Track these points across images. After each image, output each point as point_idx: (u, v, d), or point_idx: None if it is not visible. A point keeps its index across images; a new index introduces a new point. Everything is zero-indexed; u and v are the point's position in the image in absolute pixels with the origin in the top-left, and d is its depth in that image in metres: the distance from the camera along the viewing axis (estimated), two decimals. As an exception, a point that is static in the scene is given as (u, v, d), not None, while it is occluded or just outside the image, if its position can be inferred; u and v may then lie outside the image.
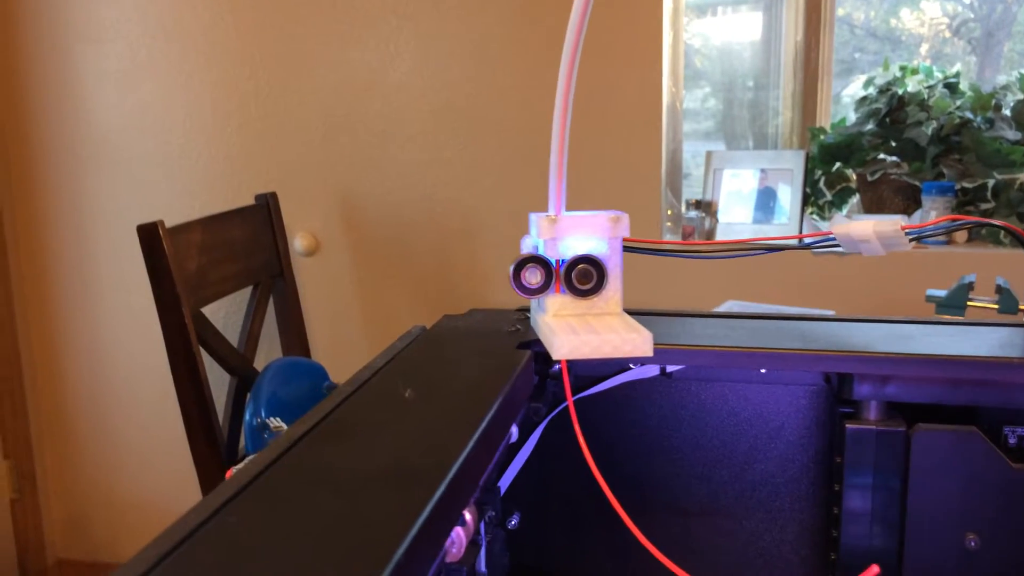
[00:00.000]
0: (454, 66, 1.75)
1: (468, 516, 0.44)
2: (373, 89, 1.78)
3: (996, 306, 1.20)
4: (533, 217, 0.50)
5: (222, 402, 1.53)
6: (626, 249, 0.50)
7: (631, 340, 0.45)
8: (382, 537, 0.31)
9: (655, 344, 0.51)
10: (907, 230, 0.52)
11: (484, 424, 0.40)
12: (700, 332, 0.54)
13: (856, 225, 0.53)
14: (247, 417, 1.33)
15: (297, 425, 0.42)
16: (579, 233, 0.48)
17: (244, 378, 1.55)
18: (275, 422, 1.34)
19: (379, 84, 1.78)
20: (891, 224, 0.52)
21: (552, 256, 0.49)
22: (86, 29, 1.86)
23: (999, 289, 1.22)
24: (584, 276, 0.48)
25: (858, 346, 0.48)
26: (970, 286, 1.25)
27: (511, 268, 0.49)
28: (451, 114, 1.77)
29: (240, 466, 1.04)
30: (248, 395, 1.35)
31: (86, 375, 2.02)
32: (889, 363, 0.47)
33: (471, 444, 0.38)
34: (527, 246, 0.52)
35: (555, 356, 0.45)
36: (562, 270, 0.49)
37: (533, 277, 0.49)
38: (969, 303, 1.22)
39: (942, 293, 1.26)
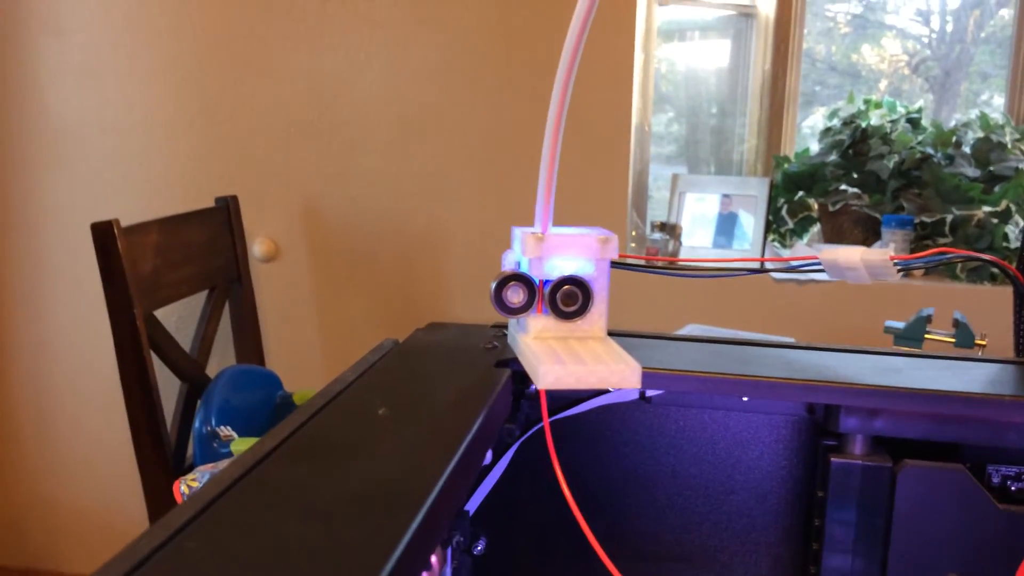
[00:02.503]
0: (425, 76, 1.73)
1: (433, 559, 0.41)
2: (342, 96, 1.76)
3: (953, 340, 1.21)
4: (518, 232, 0.48)
5: (172, 408, 1.49)
6: (615, 265, 0.48)
7: (619, 371, 0.43)
8: (356, 569, 0.28)
9: (635, 368, 0.50)
10: (895, 260, 0.51)
11: (463, 447, 0.38)
12: (681, 356, 0.53)
13: (843, 252, 0.52)
14: (197, 425, 1.29)
15: (264, 440, 0.39)
16: (566, 253, 0.47)
17: (195, 384, 1.51)
18: (226, 431, 1.30)
19: (348, 91, 1.75)
20: (879, 253, 0.51)
21: (536, 275, 0.47)
22: (48, 21, 1.80)
23: (956, 323, 1.22)
24: (569, 298, 0.47)
25: (845, 377, 0.47)
26: (928, 319, 1.25)
27: (493, 285, 0.47)
28: (420, 124, 1.75)
29: (190, 476, 1.00)
30: (199, 402, 1.31)
31: (31, 376, 1.95)
32: (878, 396, 0.46)
33: (450, 468, 0.36)
34: (509, 262, 0.50)
35: (539, 386, 0.43)
36: (546, 290, 0.47)
37: (515, 296, 0.47)
38: (927, 336, 1.22)
39: (900, 325, 1.26)
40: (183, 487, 1.06)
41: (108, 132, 1.82)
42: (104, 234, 1.30)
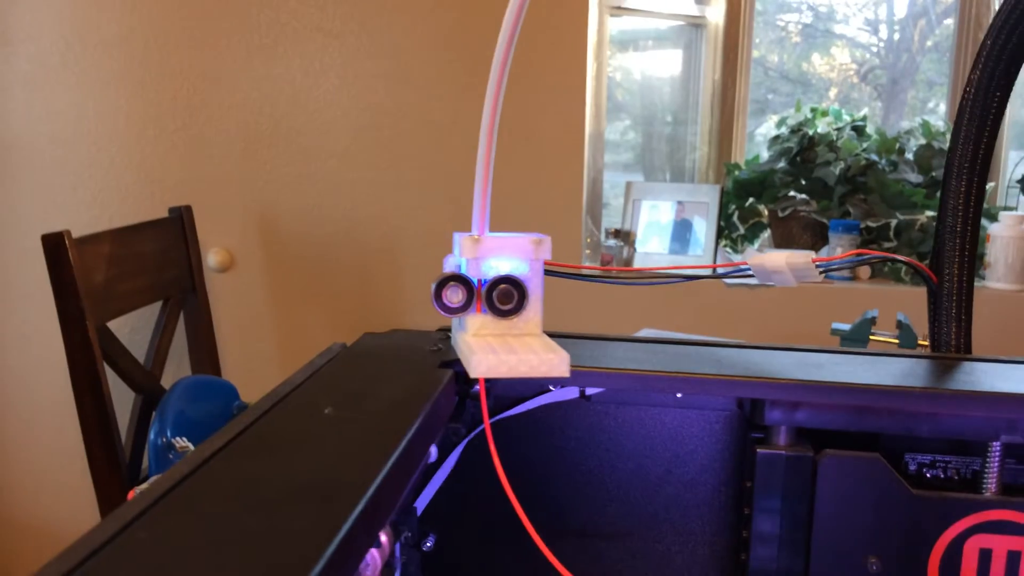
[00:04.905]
0: (379, 86, 1.75)
1: (384, 538, 0.44)
2: (296, 105, 1.77)
3: (896, 340, 1.25)
4: (457, 236, 0.51)
5: (126, 420, 1.48)
6: (548, 273, 0.50)
7: (548, 360, 0.45)
8: (298, 554, 0.30)
9: (575, 366, 0.52)
10: (817, 262, 0.54)
11: (404, 442, 0.40)
12: (620, 356, 0.55)
13: (770, 257, 0.55)
14: (152, 436, 1.29)
15: (213, 438, 0.41)
16: (502, 254, 0.49)
17: (150, 396, 1.51)
18: (181, 442, 1.30)
19: (303, 100, 1.76)
20: (802, 256, 0.54)
21: (474, 276, 0.49)
22: (-5, 30, 1.79)
23: (899, 324, 1.27)
24: (505, 296, 0.49)
25: (770, 373, 0.50)
26: (873, 320, 1.30)
27: (433, 286, 0.49)
28: (375, 133, 1.77)
29: (153, 479, 1.00)
30: (154, 413, 1.31)
31: (-21, 390, 1.92)
32: (799, 389, 0.49)
33: (391, 462, 0.38)
34: (450, 265, 0.53)
35: (472, 374, 0.46)
36: (483, 290, 0.49)
37: (455, 296, 0.49)
38: (871, 337, 1.26)
39: (846, 327, 1.30)
40: (138, 496, 1.06)
41: (58, 142, 1.81)
42: (55, 245, 1.29)
